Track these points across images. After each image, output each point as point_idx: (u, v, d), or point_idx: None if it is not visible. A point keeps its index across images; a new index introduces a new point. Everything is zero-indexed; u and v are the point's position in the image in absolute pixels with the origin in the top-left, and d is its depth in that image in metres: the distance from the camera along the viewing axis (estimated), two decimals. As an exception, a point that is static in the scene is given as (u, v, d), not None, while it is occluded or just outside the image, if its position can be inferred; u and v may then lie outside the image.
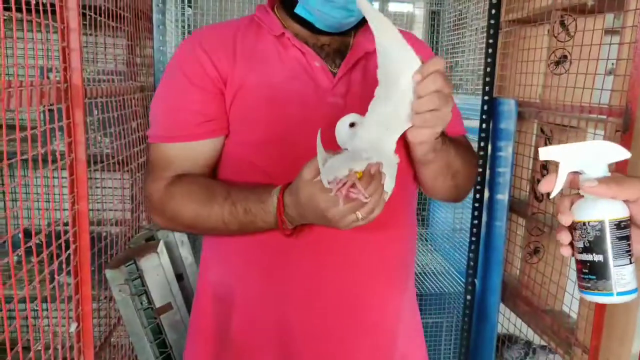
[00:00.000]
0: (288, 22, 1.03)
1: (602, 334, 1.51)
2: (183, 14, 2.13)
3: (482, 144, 1.98)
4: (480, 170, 2.00)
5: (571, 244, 0.68)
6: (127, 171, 1.69)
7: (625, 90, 1.37)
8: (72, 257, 1.10)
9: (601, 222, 0.64)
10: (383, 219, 0.99)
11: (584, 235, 0.65)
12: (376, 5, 2.46)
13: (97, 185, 1.57)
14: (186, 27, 2.15)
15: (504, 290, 2.04)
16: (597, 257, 0.64)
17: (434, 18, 2.49)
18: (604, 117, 1.47)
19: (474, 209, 2.03)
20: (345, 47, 1.04)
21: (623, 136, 1.37)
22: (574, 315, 1.70)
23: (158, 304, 1.36)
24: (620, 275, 0.64)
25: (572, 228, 0.67)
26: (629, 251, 0.64)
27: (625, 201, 0.65)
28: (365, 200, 0.78)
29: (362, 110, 0.94)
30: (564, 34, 1.68)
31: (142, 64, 1.94)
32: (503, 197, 1.98)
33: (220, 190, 0.95)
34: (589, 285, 0.66)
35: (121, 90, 1.62)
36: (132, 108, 1.71)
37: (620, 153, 0.65)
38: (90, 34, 1.50)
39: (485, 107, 1.95)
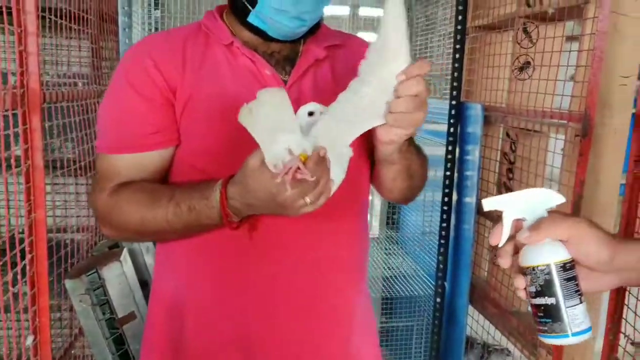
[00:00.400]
0: (238, 29, 1.02)
1: (565, 335, 1.54)
2: (150, 16, 2.10)
3: (450, 147, 2.00)
4: (448, 173, 2.02)
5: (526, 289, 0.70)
6: (91, 176, 1.66)
7: (584, 96, 1.39)
8: (28, 267, 1.07)
9: (548, 266, 0.67)
10: (336, 218, 1.00)
11: (534, 280, 0.68)
12: (347, 9, 2.47)
13: (59, 191, 1.53)
14: (153, 29, 2.12)
15: (472, 292, 2.06)
16: (550, 300, 0.67)
17: (403, 23, 2.51)
18: (565, 122, 1.50)
19: (442, 212, 2.05)
20: (294, 54, 1.04)
21: (582, 141, 1.39)
22: (539, 317, 1.73)
23: (121, 313, 1.33)
24: (573, 315, 0.66)
25: (524, 273, 0.69)
26: (578, 291, 0.67)
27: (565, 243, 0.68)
28: (310, 179, 0.78)
29: None
30: (527, 41, 1.71)
31: (107, 66, 1.91)
32: (471, 200, 2.01)
33: (165, 192, 0.95)
34: (546, 328, 0.68)
35: (84, 94, 1.59)
36: (96, 112, 1.68)
37: (556, 199, 0.69)
38: (51, 37, 1.47)
39: (453, 112, 1.97)
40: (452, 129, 1.97)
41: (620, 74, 1.40)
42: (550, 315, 0.67)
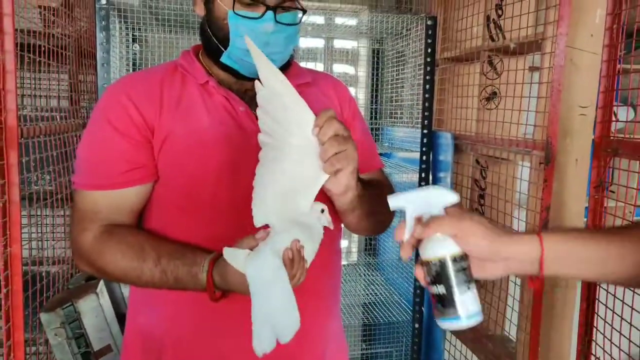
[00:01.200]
0: (213, 68, 1.07)
1: (538, 357, 1.57)
2: (128, 51, 2.14)
3: (423, 174, 2.05)
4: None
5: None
6: (69, 208, 1.67)
7: (546, 126, 1.46)
8: (3, 301, 1.08)
9: (440, 260, 0.74)
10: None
11: (429, 271, 0.75)
12: (321, 42, 2.53)
13: (37, 223, 1.54)
14: (131, 64, 2.16)
15: (448, 317, 2.09)
16: (441, 289, 0.74)
17: (376, 55, 2.58)
18: (530, 150, 1.56)
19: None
20: None
21: (546, 168, 1.45)
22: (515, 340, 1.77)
23: (97, 346, 1.33)
24: (463, 301, 0.73)
25: (422, 265, 0.77)
26: (468, 280, 0.74)
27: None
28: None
29: None
30: (493, 73, 1.78)
31: (86, 99, 1.94)
32: (444, 226, 2.05)
33: (150, 253, 0.96)
34: (440, 313, 0.75)
35: (62, 128, 1.62)
36: (74, 145, 1.70)
37: (450, 198, 0.77)
38: (29, 70, 1.50)
39: (425, 140, 2.03)
40: (424, 157, 2.03)
41: (579, 104, 1.48)
42: (443, 301, 0.74)
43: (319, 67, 2.52)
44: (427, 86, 2.00)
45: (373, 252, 2.73)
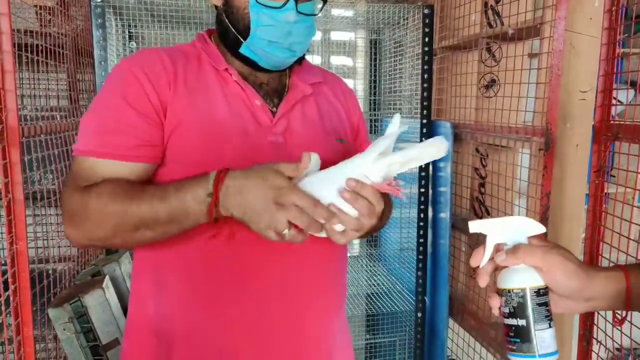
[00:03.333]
0: (228, 56, 1.05)
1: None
2: (125, 48, 2.14)
3: (423, 165, 2.05)
4: (423, 190, 2.07)
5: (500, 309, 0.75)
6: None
7: (545, 112, 1.46)
8: (11, 297, 1.09)
9: (522, 290, 0.71)
10: (318, 249, 1.02)
11: (508, 302, 0.72)
12: (319, 34, 2.53)
13: (40, 222, 1.55)
14: (129, 61, 2.16)
15: (451, 306, 2.11)
16: (521, 322, 0.71)
17: (374, 46, 2.58)
18: (529, 137, 1.56)
19: (419, 228, 2.09)
20: (282, 87, 1.09)
21: (546, 154, 1.46)
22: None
23: (104, 340, 1.35)
24: (542, 338, 0.70)
25: (499, 294, 0.74)
26: (549, 316, 0.71)
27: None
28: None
29: (301, 149, 0.99)
30: (491, 60, 1.78)
31: (85, 99, 1.94)
32: (445, 215, 2.06)
33: (152, 184, 0.94)
34: (515, 347, 0.72)
35: (62, 127, 1.62)
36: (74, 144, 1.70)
37: (536, 228, 0.74)
38: (27, 70, 1.50)
39: (424, 130, 2.03)
40: (424, 147, 2.03)
41: (579, 88, 1.48)
42: (520, 335, 0.71)
43: (317, 59, 2.52)
44: (426, 76, 2.01)
45: (375, 243, 2.74)
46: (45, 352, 1.48)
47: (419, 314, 2.15)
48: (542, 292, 0.72)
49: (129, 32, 2.17)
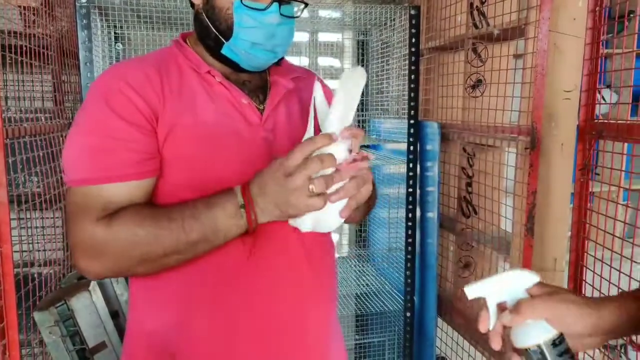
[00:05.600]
0: (207, 59, 1.04)
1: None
2: (111, 50, 2.12)
3: (411, 165, 2.06)
4: (411, 190, 2.08)
5: None
6: (57, 209, 1.66)
7: (531, 111, 1.47)
8: (-4, 301, 1.07)
9: (539, 347, 0.70)
10: (319, 240, 1.04)
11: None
12: (306, 35, 2.53)
13: (25, 226, 1.53)
14: (114, 62, 2.14)
15: (439, 304, 2.12)
16: None
17: (361, 47, 2.59)
18: (515, 136, 1.58)
19: (407, 227, 2.10)
20: (264, 83, 1.08)
21: (531, 153, 1.47)
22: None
23: (91, 343, 1.33)
24: None
25: (519, 353, 0.73)
26: None
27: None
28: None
29: (288, 144, 0.98)
30: (477, 60, 1.79)
31: (70, 100, 1.93)
32: (433, 214, 2.07)
33: (177, 204, 0.91)
34: None
35: (47, 129, 1.61)
36: (60, 146, 1.69)
37: (532, 279, 0.75)
38: (12, 71, 1.49)
39: (412, 130, 2.04)
40: (411, 147, 2.04)
41: (563, 88, 1.49)
42: None
43: (304, 61, 2.52)
44: (413, 76, 2.01)
45: (364, 244, 2.75)
46: (31, 357, 1.46)
47: (408, 314, 2.16)
48: (557, 342, 0.70)
49: (115, 33, 2.15)
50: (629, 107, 1.51)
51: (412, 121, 2.04)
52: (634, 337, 1.27)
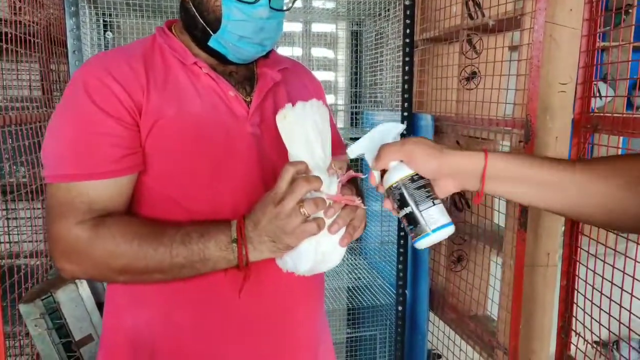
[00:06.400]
0: (193, 49, 1.01)
1: (519, 334, 1.58)
2: (100, 38, 2.09)
3: (404, 158, 2.04)
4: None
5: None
6: (45, 200, 1.64)
7: (525, 104, 1.45)
8: (-22, 293, 1.05)
9: (397, 183, 0.80)
10: None
11: (393, 197, 0.81)
12: (299, 25, 2.50)
13: (11, 217, 1.50)
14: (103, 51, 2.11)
15: (431, 299, 2.10)
16: (407, 210, 0.79)
17: (355, 38, 2.56)
18: (510, 129, 1.56)
19: (399, 221, 2.08)
20: (251, 75, 1.06)
21: (525, 146, 1.45)
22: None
23: (78, 336, 1.31)
24: (429, 216, 0.78)
25: (388, 196, 0.82)
26: (430, 196, 0.79)
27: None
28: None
29: (276, 140, 0.97)
30: (472, 52, 1.77)
31: (58, 89, 1.89)
32: (426, 208, 2.05)
33: (169, 225, 0.88)
34: (413, 234, 0.80)
35: (34, 117, 1.57)
36: (48, 135, 1.66)
37: (398, 127, 0.85)
38: (-1, 60, 1.46)
39: (405, 123, 2.02)
40: (405, 140, 2.02)
41: (558, 81, 1.47)
42: (412, 221, 0.79)
43: (297, 51, 2.49)
44: (407, 68, 1.99)
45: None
46: (17, 349, 1.44)
47: (400, 308, 2.15)
48: (415, 179, 0.79)
49: (104, 21, 2.12)
50: (624, 100, 1.49)
51: (405, 113, 2.02)
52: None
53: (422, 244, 0.80)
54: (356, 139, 0.90)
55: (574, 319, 1.50)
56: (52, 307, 1.31)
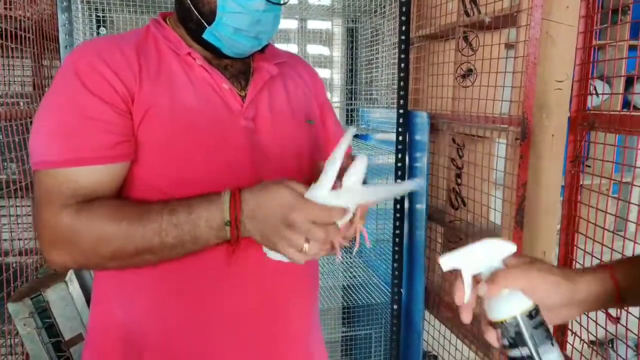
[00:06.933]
0: (187, 40, 0.99)
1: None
2: (93, 34, 2.07)
3: (399, 155, 2.03)
4: (399, 181, 2.04)
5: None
6: (32, 197, 1.62)
7: (522, 101, 1.44)
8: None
9: (514, 318, 0.66)
10: None
11: (505, 333, 0.67)
12: (295, 22, 2.48)
13: (0, 214, 1.48)
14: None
15: (427, 297, 2.09)
16: (524, 351, 0.66)
17: (351, 35, 2.55)
18: (506, 126, 1.54)
19: (395, 219, 2.07)
20: (247, 68, 1.04)
21: (522, 144, 1.44)
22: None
23: (67, 336, 1.29)
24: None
25: (494, 327, 0.70)
26: (549, 335, 0.67)
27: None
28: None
29: (271, 134, 0.96)
30: (468, 49, 1.76)
31: (49, 85, 1.87)
32: (421, 206, 2.04)
33: (157, 202, 0.85)
34: None
35: (24, 113, 1.55)
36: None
37: (508, 248, 0.71)
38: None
39: (401, 120, 2.01)
40: (400, 137, 2.01)
41: (555, 78, 1.46)
42: None
43: (292, 48, 2.48)
44: (402, 65, 1.97)
45: (351, 235, 2.72)
46: (6, 348, 1.42)
47: (395, 306, 2.13)
48: (534, 314, 0.67)
49: (97, 16, 2.10)
50: (621, 98, 1.48)
51: (401, 111, 2.00)
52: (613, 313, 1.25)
53: None
54: (352, 136, 0.87)
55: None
56: (42, 306, 1.29)
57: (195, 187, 0.91)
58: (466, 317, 0.71)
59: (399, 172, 2.04)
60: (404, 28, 1.94)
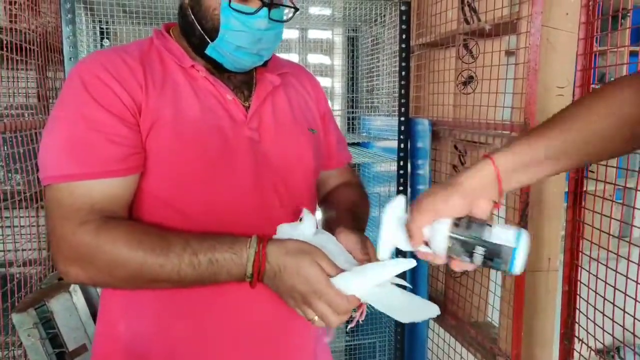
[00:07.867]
0: (190, 53, 0.99)
1: (521, 341, 1.56)
2: (96, 46, 2.08)
3: (401, 162, 2.03)
4: (402, 188, 2.05)
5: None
6: (39, 207, 1.62)
7: (523, 107, 1.45)
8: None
9: (449, 237, 0.75)
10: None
11: (457, 253, 0.76)
12: (296, 32, 2.50)
13: (5, 225, 1.49)
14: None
15: (431, 305, 2.08)
16: (479, 250, 0.74)
17: (351, 44, 2.56)
18: (507, 132, 1.55)
19: (398, 227, 2.06)
20: (250, 79, 1.04)
21: (524, 150, 1.44)
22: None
23: (71, 346, 1.29)
24: (498, 237, 0.73)
25: (451, 258, 0.78)
26: (482, 224, 0.75)
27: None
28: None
29: (275, 145, 0.98)
30: (469, 56, 1.76)
31: (54, 96, 1.88)
32: (425, 214, 2.03)
33: (176, 238, 0.84)
34: (503, 265, 0.74)
35: (29, 125, 1.56)
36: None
37: (398, 202, 0.83)
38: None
39: (402, 128, 2.01)
40: (402, 145, 2.01)
41: (556, 84, 1.47)
42: (492, 256, 0.74)
43: (294, 58, 2.49)
44: (403, 73, 1.98)
45: (354, 243, 2.71)
46: (10, 360, 1.42)
47: (399, 315, 2.12)
48: (457, 223, 0.75)
49: (101, 28, 2.11)
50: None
51: (402, 118, 2.01)
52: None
53: (518, 265, 0.73)
54: (354, 144, 0.89)
55: (576, 325, 1.48)
56: (46, 317, 1.29)
57: (199, 196, 0.91)
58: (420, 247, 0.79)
59: (401, 180, 2.04)
60: (404, 36, 1.95)
